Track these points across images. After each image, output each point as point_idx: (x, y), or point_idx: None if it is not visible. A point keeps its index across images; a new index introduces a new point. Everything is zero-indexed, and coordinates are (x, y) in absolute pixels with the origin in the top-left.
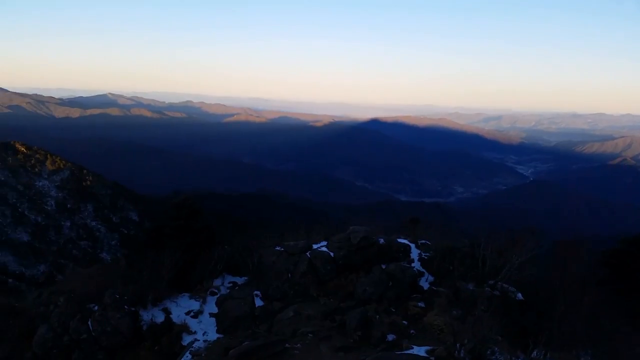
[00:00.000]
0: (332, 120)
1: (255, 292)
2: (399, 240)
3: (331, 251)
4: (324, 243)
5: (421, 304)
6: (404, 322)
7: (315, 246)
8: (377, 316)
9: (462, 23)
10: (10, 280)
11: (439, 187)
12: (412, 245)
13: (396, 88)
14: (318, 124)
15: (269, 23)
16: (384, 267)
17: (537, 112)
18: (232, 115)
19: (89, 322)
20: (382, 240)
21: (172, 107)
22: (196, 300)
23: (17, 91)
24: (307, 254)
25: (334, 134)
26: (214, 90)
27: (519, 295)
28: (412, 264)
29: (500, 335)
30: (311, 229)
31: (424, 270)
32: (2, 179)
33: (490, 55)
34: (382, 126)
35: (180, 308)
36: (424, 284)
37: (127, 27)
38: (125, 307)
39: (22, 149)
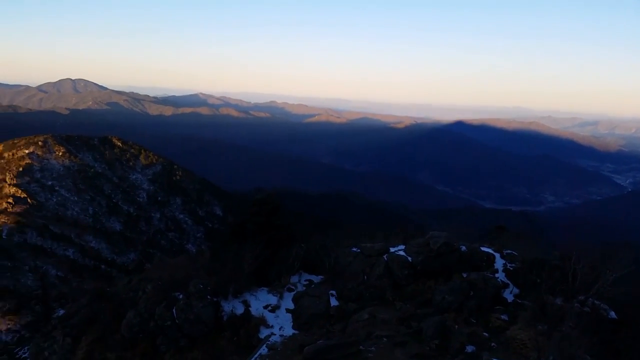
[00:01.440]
0: (413, 122)
1: (331, 292)
2: (483, 248)
3: (409, 255)
4: (402, 247)
5: (504, 317)
6: (485, 333)
7: (392, 249)
8: (456, 326)
9: (556, 23)
10: (102, 266)
11: (528, 194)
12: (497, 255)
13: (483, 89)
14: (399, 126)
15: (354, 23)
16: (465, 275)
17: (638, 118)
18: (314, 115)
19: (174, 310)
20: (464, 248)
21: (257, 107)
22: (274, 295)
23: (115, 89)
24: (384, 257)
25: (415, 136)
26: (297, 91)
27: (612, 314)
28: (496, 274)
29: (590, 355)
30: (389, 232)
31: (508, 281)
32: (100, 171)
33: (582, 57)
34: (467, 129)
35: (259, 302)
36: (508, 295)
37: (218, 30)
38: (208, 297)
39: (119, 143)
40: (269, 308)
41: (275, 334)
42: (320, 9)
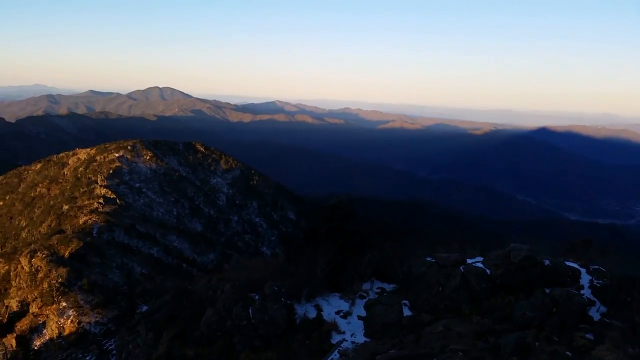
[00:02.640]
0: (493, 128)
1: (404, 301)
2: (567, 263)
3: (487, 268)
4: (480, 259)
5: (589, 336)
6: (568, 353)
7: (469, 261)
8: (537, 343)
9: None
10: (184, 265)
11: (617, 207)
12: (583, 270)
13: (568, 94)
14: (477, 132)
15: (429, 29)
16: (547, 291)
17: None
18: (387, 122)
19: (250, 310)
20: (547, 262)
21: (331, 113)
22: (346, 301)
23: (199, 97)
24: (461, 268)
25: (495, 143)
26: (371, 97)
27: None
28: (582, 291)
29: None
30: (465, 242)
31: (595, 299)
32: (184, 174)
33: None
34: (552, 136)
35: (331, 307)
36: (594, 314)
37: (297, 38)
38: (282, 299)
39: (202, 148)
40: (341, 314)
41: (346, 340)
42: (394, 16)
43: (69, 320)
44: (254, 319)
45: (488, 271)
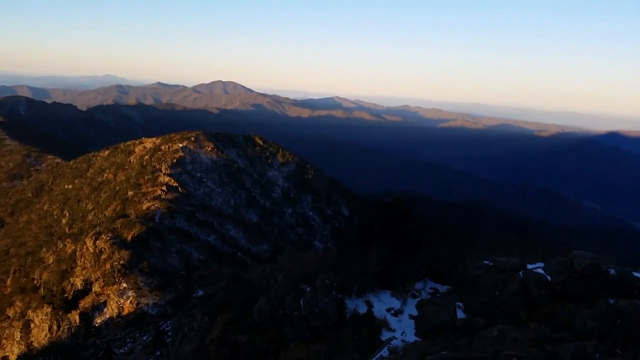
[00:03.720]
0: (560, 131)
1: (458, 303)
2: (635, 274)
3: (548, 275)
4: (540, 264)
5: None
6: None
7: (529, 266)
8: (597, 355)
9: None
10: (239, 253)
11: None
12: None
13: None
14: (543, 134)
15: (494, 29)
16: (611, 301)
17: None
18: (448, 120)
19: (301, 301)
20: (612, 271)
21: (389, 110)
22: (397, 299)
23: (260, 92)
24: (520, 273)
25: (561, 146)
26: (432, 95)
27: None
28: None
29: None
30: (526, 247)
31: None
32: (242, 166)
33: None
34: (624, 141)
35: (382, 304)
36: None
37: (357, 35)
38: (333, 292)
39: (260, 142)
40: (392, 312)
41: (397, 338)
42: (459, 11)
43: (128, 301)
44: (304, 310)
45: (549, 278)
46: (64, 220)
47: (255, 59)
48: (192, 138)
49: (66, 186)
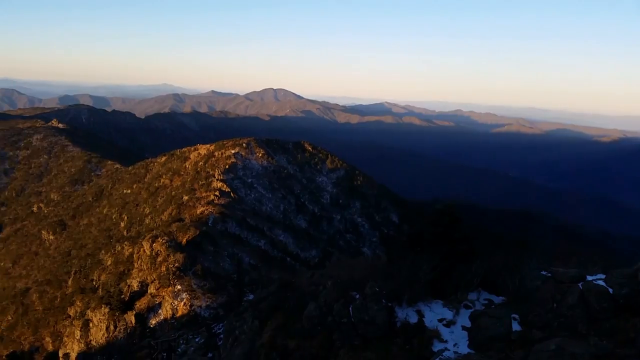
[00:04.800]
0: (622, 136)
1: (513, 315)
2: None
3: (610, 287)
4: (602, 276)
5: None
6: None
7: (589, 278)
8: None
9: None
10: (288, 259)
11: None
12: None
13: None
14: (604, 140)
15: (552, 31)
16: None
17: None
18: (503, 125)
19: (350, 308)
20: None
21: (441, 115)
22: (449, 310)
23: (310, 98)
24: (579, 285)
25: (624, 152)
26: (486, 99)
27: None
28: None
29: None
30: (585, 257)
31: None
32: (291, 172)
33: None
34: None
35: (433, 314)
36: None
37: (408, 39)
38: (383, 301)
39: (309, 148)
40: (444, 322)
41: (449, 350)
42: (514, 11)
43: (182, 303)
44: (354, 317)
45: (611, 290)
46: (122, 224)
47: (306, 66)
48: (244, 144)
49: (125, 191)
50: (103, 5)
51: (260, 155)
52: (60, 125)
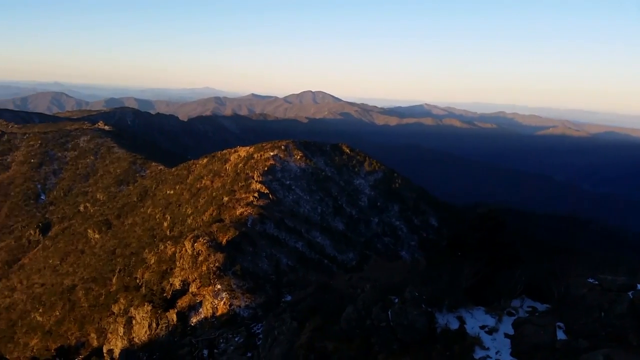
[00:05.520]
0: None
1: (558, 324)
2: None
3: None
4: None
5: None
6: None
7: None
8: None
9: None
10: (325, 260)
11: None
12: None
13: None
14: None
15: (597, 31)
16: None
17: None
18: (547, 127)
19: (389, 312)
20: None
21: (483, 117)
22: (492, 317)
23: (348, 101)
24: (629, 293)
25: None
26: (530, 101)
27: None
28: None
29: None
30: (635, 265)
31: None
32: (329, 174)
33: None
34: None
35: (475, 320)
36: None
37: (445, 42)
38: (423, 305)
39: (347, 150)
40: (486, 329)
41: (490, 357)
42: (561, 11)
43: (222, 302)
44: (393, 321)
45: None
46: (165, 224)
47: (345, 69)
48: (283, 147)
49: (168, 191)
50: (149, 12)
51: (298, 157)
52: (107, 128)
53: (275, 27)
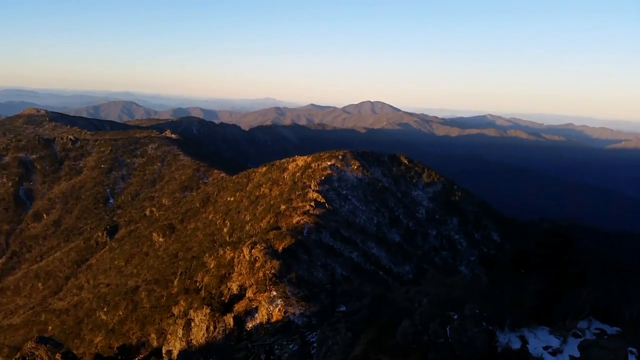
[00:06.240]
0: None
1: (630, 348)
2: None
3: None
4: None
5: None
6: None
7: None
8: None
9: None
10: (380, 272)
11: None
12: None
13: None
14: None
15: None
16: None
17: None
18: (620, 141)
19: (447, 328)
20: None
21: (550, 129)
22: (556, 338)
23: (407, 111)
24: None
25: None
26: (601, 113)
27: None
28: None
29: None
30: None
31: None
32: (386, 185)
33: None
34: None
35: (538, 341)
36: None
37: (510, 51)
38: (484, 323)
39: (405, 161)
40: (550, 350)
41: None
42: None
43: (277, 309)
44: (451, 338)
45: None
46: (225, 229)
47: (404, 79)
48: (340, 156)
49: (228, 198)
50: (216, 29)
51: (355, 167)
52: (173, 136)
53: (335, 39)
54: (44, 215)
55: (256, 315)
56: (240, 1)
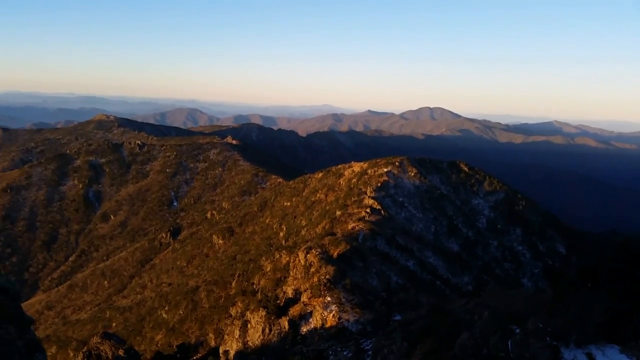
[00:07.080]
0: None
1: None
2: None
3: None
4: None
5: None
6: None
7: None
8: None
9: None
10: (437, 282)
11: None
12: None
13: None
14: None
15: None
16: None
17: None
18: None
19: (509, 342)
20: None
21: (621, 137)
22: (628, 357)
23: (468, 117)
24: None
25: None
26: None
27: None
28: None
29: None
30: None
31: None
32: (445, 193)
33: None
34: None
35: (606, 359)
36: None
37: (577, 55)
38: (547, 338)
39: (465, 168)
40: None
41: None
42: None
43: (331, 315)
44: (513, 353)
45: None
46: (281, 234)
47: (466, 85)
48: (397, 163)
49: (285, 203)
50: (278, 38)
51: (412, 174)
52: (234, 142)
53: (393, 45)
54: (112, 216)
55: (310, 319)
56: (303, 10)
